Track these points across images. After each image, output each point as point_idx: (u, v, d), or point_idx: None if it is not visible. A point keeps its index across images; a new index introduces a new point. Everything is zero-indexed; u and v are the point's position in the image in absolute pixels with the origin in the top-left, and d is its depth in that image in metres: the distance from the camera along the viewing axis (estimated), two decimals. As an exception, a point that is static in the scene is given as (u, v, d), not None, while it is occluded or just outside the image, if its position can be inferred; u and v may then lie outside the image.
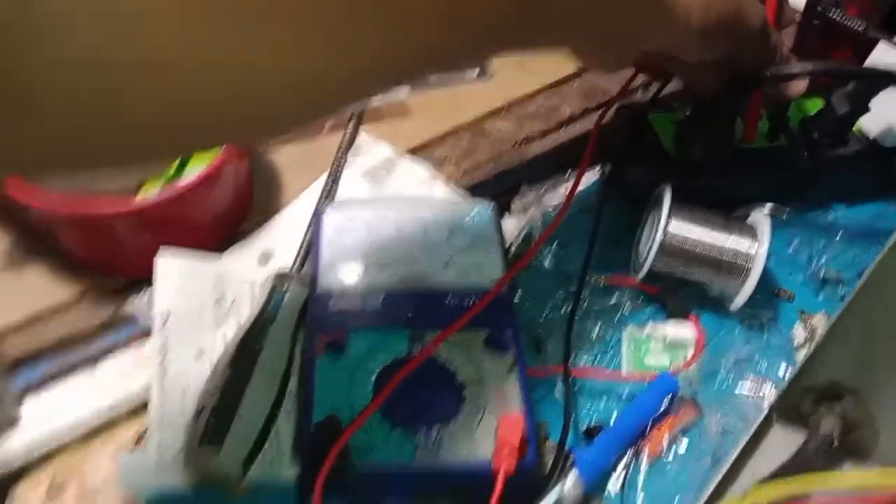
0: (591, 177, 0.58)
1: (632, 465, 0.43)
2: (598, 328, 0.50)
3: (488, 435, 0.39)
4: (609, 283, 0.51)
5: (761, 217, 0.49)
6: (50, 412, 0.45)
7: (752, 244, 0.48)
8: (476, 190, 0.56)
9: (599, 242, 0.54)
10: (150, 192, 0.46)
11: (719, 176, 0.52)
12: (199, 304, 0.46)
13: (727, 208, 0.51)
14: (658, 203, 0.49)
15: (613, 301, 0.51)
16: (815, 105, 0.55)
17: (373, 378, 0.41)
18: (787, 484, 0.38)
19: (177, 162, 0.48)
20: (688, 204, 0.49)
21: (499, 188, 0.57)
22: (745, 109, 0.52)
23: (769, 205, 0.52)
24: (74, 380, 0.47)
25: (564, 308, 0.50)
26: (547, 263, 0.53)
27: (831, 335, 0.43)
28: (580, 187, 0.57)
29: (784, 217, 0.55)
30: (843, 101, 0.51)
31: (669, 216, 0.48)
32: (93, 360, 0.47)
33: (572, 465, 0.41)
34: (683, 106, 0.54)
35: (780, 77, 0.46)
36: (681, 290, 0.51)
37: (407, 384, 0.41)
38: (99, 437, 0.45)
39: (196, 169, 0.47)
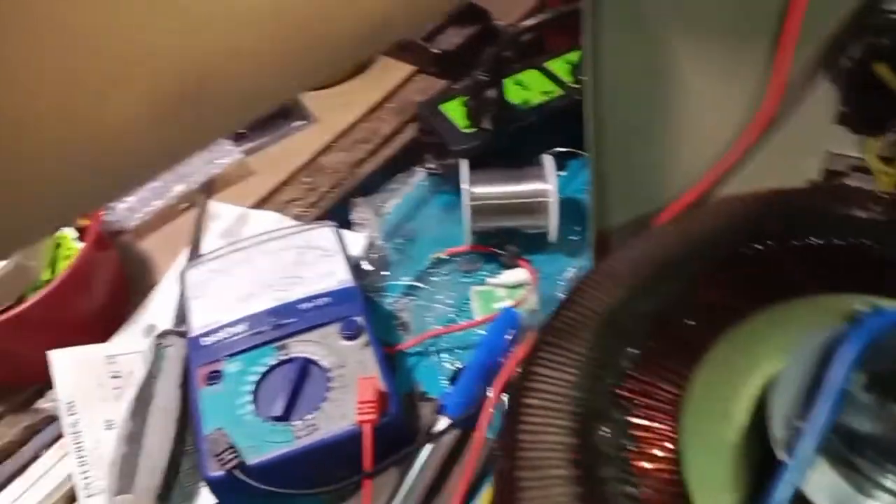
0: (420, 175, 0.66)
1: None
2: (448, 295, 0.57)
3: (355, 405, 0.45)
4: (448, 254, 0.59)
5: (546, 159, 0.56)
6: (-4, 520, 0.50)
7: (544, 183, 0.55)
8: (325, 218, 0.63)
9: (437, 224, 0.62)
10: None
11: (509, 136, 0.60)
12: (97, 384, 0.52)
13: (529, 162, 0.59)
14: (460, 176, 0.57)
15: (456, 269, 0.58)
16: (579, 54, 0.64)
17: (250, 390, 0.47)
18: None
19: (50, 269, 0.55)
20: (486, 168, 0.57)
21: (345, 210, 0.64)
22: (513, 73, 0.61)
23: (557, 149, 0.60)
24: (11, 487, 0.52)
25: (417, 289, 0.57)
26: (397, 256, 0.60)
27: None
28: (411, 189, 0.65)
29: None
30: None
31: (469, 183, 0.56)
32: (24, 465, 0.53)
33: (441, 410, 0.48)
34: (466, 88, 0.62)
35: (519, 33, 0.54)
36: (507, 241, 0.58)
37: (280, 385, 0.47)
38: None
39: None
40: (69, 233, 0.57)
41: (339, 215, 0.62)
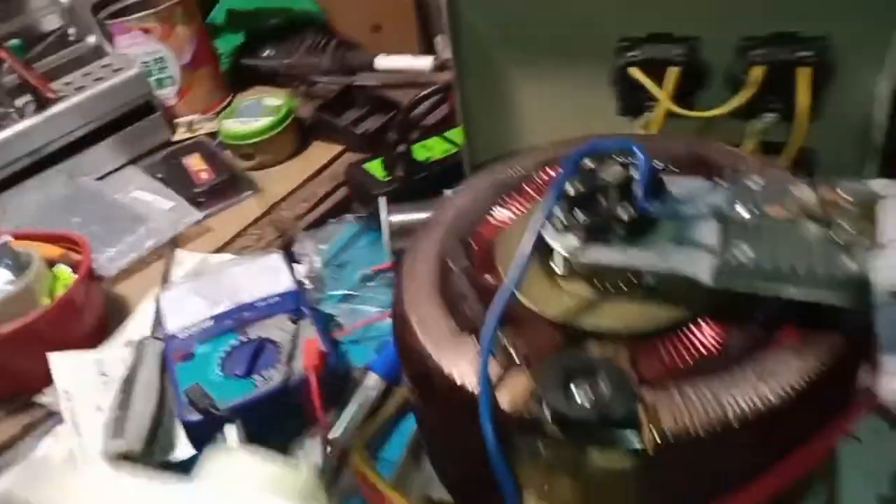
0: (350, 220, 0.82)
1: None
2: (376, 301, 0.71)
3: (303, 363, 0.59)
4: (374, 270, 0.74)
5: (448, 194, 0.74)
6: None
7: (445, 207, 0.72)
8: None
9: (367, 254, 0.78)
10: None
11: (417, 182, 0.77)
12: (90, 379, 0.64)
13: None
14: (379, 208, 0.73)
15: (381, 283, 0.73)
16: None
17: (218, 363, 0.60)
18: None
19: (48, 295, 0.67)
20: (400, 203, 0.73)
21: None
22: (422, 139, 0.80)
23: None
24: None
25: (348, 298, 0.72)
26: (333, 280, 0.75)
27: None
28: (344, 232, 0.81)
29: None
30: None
31: (388, 214, 0.72)
32: (25, 454, 0.63)
33: (369, 368, 0.62)
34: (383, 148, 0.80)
35: (413, 103, 0.73)
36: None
37: (243, 356, 0.60)
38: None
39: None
40: (65, 267, 0.70)
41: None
